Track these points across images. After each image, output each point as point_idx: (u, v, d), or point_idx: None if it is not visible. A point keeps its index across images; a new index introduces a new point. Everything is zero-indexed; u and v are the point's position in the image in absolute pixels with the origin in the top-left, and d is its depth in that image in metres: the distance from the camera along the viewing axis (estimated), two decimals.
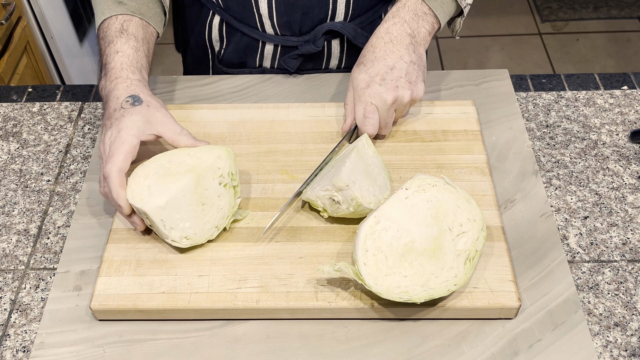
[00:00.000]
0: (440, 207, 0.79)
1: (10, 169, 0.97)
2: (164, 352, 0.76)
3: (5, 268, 0.85)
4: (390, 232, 0.77)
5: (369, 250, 0.76)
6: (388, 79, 0.89)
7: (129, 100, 0.85)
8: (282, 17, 1.03)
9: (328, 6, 1.02)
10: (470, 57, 2.75)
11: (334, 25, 1.04)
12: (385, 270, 0.75)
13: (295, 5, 1.01)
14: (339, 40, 1.08)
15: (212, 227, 0.81)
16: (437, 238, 0.77)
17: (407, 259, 0.76)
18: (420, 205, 0.79)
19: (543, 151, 0.97)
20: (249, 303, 0.77)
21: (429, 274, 0.75)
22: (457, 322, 0.77)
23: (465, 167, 0.91)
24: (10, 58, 1.70)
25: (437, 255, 0.76)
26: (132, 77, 0.88)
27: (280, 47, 1.08)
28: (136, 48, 0.91)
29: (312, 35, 1.05)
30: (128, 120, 0.83)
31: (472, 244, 0.77)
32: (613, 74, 1.09)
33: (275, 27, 1.04)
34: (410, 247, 0.76)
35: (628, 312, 0.79)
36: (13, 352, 0.77)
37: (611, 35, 2.85)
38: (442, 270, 0.75)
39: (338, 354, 0.75)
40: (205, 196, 0.81)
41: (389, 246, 0.76)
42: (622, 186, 0.93)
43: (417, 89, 0.90)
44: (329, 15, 1.04)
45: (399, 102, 0.89)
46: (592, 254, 0.85)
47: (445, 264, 0.75)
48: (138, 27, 0.93)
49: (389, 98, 0.88)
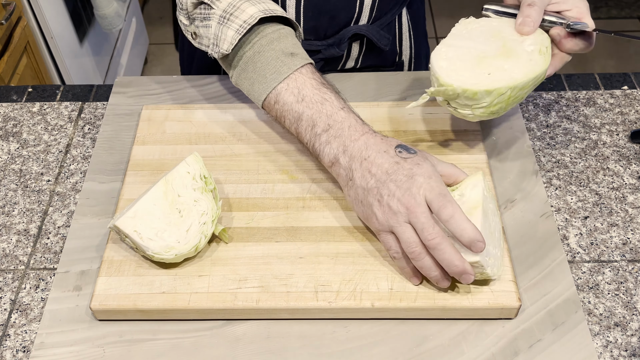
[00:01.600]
0: (494, 29, 0.86)
1: (10, 169, 0.97)
2: (164, 352, 0.76)
3: (5, 268, 0.85)
4: (461, 50, 0.83)
5: (446, 60, 0.82)
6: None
7: (400, 150, 0.77)
8: (310, 21, 1.02)
9: (354, 9, 1.01)
10: None
11: (359, 28, 1.03)
12: (469, 73, 0.81)
13: (324, 9, 1.00)
14: (359, 42, 1.08)
15: (198, 234, 0.79)
16: (504, 45, 0.83)
17: (484, 64, 0.82)
18: (477, 31, 0.87)
19: (543, 151, 0.97)
20: (249, 303, 0.77)
21: (510, 69, 0.81)
22: (457, 322, 0.77)
23: (465, 167, 0.91)
24: (10, 58, 1.70)
25: (511, 54, 0.82)
26: (373, 132, 0.80)
27: None
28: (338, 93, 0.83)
29: (337, 39, 1.04)
30: (428, 167, 0.76)
31: (540, 41, 0.83)
32: (613, 74, 1.09)
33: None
34: (483, 56, 0.83)
35: (628, 312, 0.79)
36: (13, 352, 0.77)
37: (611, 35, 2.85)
38: (520, 61, 0.81)
39: (338, 354, 0.75)
40: (179, 202, 0.80)
41: (462, 59, 0.82)
42: (622, 186, 0.93)
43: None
44: (354, 19, 1.03)
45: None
46: (593, 254, 0.85)
47: (521, 58, 0.82)
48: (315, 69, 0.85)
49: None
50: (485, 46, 0.84)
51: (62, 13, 1.96)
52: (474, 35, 0.86)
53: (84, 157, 0.99)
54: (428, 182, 0.73)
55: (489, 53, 0.83)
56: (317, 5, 1.00)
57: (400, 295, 0.77)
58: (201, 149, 0.94)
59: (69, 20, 2.00)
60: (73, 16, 2.03)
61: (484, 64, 0.82)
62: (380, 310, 0.77)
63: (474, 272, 0.73)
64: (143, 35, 2.75)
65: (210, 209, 0.81)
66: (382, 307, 0.76)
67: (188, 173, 0.82)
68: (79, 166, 0.97)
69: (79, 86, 1.11)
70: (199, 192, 0.82)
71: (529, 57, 0.82)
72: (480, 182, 0.80)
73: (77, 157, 0.99)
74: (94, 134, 1.02)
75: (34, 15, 1.83)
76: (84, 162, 0.98)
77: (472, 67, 0.82)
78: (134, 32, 2.59)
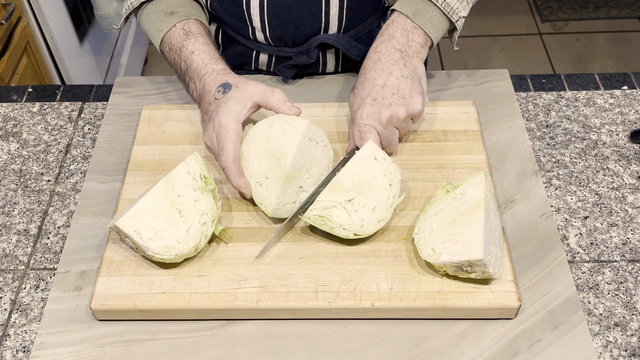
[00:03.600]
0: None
1: (10, 169, 0.97)
2: (164, 352, 0.76)
3: (5, 268, 0.85)
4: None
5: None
6: (379, 98, 0.87)
7: (220, 89, 0.88)
8: (275, 30, 1.02)
9: (321, 20, 1.01)
10: (470, 57, 2.75)
11: (327, 38, 1.02)
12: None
13: (288, 19, 1.00)
14: (333, 51, 1.08)
15: (198, 234, 0.79)
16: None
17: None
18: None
19: (543, 151, 0.97)
20: (249, 303, 0.77)
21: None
22: (457, 322, 0.77)
23: (465, 167, 0.91)
24: (10, 58, 1.70)
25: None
26: (216, 69, 0.92)
27: (275, 56, 1.07)
28: (207, 43, 0.95)
29: (306, 47, 1.04)
30: (224, 109, 0.86)
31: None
32: (613, 74, 1.09)
33: (268, 39, 1.04)
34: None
35: (628, 312, 0.79)
36: (13, 352, 0.77)
37: (611, 35, 2.85)
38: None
39: (338, 354, 0.75)
40: (179, 202, 0.80)
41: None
42: (622, 186, 0.93)
43: (412, 103, 0.87)
44: (322, 28, 1.02)
45: (395, 119, 0.86)
46: (592, 254, 0.85)
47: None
48: (197, 25, 0.97)
49: (383, 117, 0.86)
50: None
51: (62, 13, 1.96)
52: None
53: (84, 157, 0.99)
54: (218, 121, 0.85)
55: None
56: (281, 15, 1.00)
57: (400, 295, 0.77)
58: (201, 149, 0.94)
59: (69, 20, 2.00)
60: (73, 16, 2.02)
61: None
62: (380, 310, 0.77)
63: (250, 192, 0.84)
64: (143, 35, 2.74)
65: (210, 209, 0.81)
66: (382, 307, 0.76)
67: (188, 173, 0.82)
68: (79, 166, 0.97)
69: (79, 86, 1.11)
70: (199, 192, 0.82)
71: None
72: (482, 181, 0.80)
73: (77, 157, 0.99)
74: (94, 134, 1.02)
75: (34, 15, 1.82)
76: (84, 162, 0.98)
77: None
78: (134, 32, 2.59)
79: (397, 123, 0.88)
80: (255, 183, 0.84)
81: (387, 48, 0.89)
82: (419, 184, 0.89)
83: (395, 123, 0.88)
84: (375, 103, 0.87)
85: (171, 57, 0.97)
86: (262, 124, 0.86)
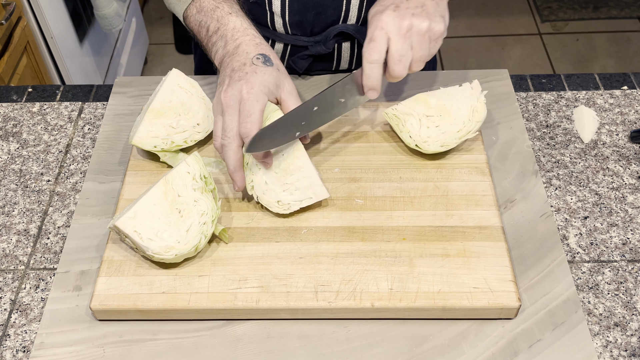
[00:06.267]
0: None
1: (10, 169, 0.97)
2: (164, 352, 0.76)
3: (5, 268, 0.85)
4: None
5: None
6: (403, 7, 0.81)
7: (260, 58, 0.84)
8: (295, 16, 1.02)
9: (341, 8, 1.01)
10: (470, 57, 2.75)
11: (346, 27, 1.03)
12: None
13: (309, 4, 1.00)
14: (349, 43, 1.08)
15: (198, 234, 0.79)
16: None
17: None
18: None
19: (543, 151, 0.97)
20: (249, 303, 0.77)
21: None
22: (457, 322, 0.78)
23: (465, 167, 0.91)
24: (10, 58, 1.70)
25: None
26: (257, 37, 0.88)
27: (290, 46, 1.07)
28: (242, 10, 0.92)
29: (324, 37, 1.04)
30: (261, 78, 0.83)
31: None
32: (613, 74, 1.09)
33: (286, 26, 1.04)
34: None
35: (628, 312, 0.79)
36: (13, 352, 0.77)
37: (611, 35, 2.85)
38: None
39: (338, 354, 0.75)
40: (179, 202, 0.80)
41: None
42: (622, 186, 0.93)
43: (435, 21, 0.81)
44: (342, 17, 1.03)
45: (416, 30, 0.80)
46: (592, 254, 0.85)
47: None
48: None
49: (403, 24, 0.80)
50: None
51: (62, 13, 1.96)
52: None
53: (84, 157, 0.99)
54: (251, 86, 0.82)
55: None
56: (303, 0, 1.00)
57: (400, 295, 0.77)
58: (201, 149, 0.94)
59: (69, 20, 2.00)
60: (73, 16, 2.02)
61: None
62: (380, 310, 0.77)
63: (243, 184, 0.84)
64: (143, 36, 2.75)
65: (210, 209, 0.81)
66: (382, 307, 0.76)
67: (188, 173, 0.82)
68: (79, 166, 0.97)
69: (79, 86, 1.11)
70: (199, 192, 0.82)
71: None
72: (278, 114, 0.84)
73: (77, 157, 0.99)
74: (94, 134, 1.02)
75: (34, 15, 1.82)
76: (84, 162, 0.98)
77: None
78: (134, 32, 2.59)
79: (417, 37, 0.81)
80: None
81: None
82: (419, 184, 0.89)
83: (414, 35, 0.81)
84: (398, 10, 0.81)
85: (198, 19, 0.93)
86: None
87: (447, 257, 0.80)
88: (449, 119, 0.90)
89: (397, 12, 0.81)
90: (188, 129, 0.91)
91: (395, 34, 0.80)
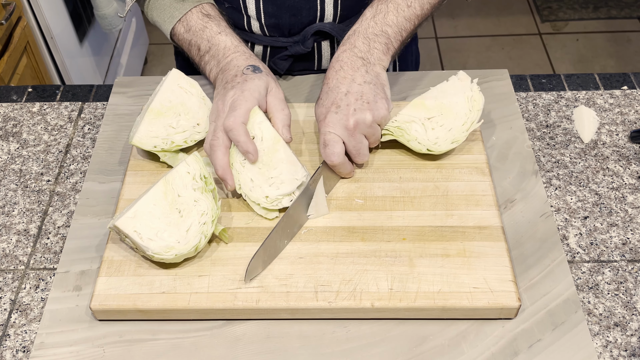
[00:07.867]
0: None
1: (10, 169, 0.97)
2: (164, 352, 0.76)
3: (5, 268, 0.85)
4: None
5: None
6: (343, 105, 0.85)
7: (250, 68, 0.90)
8: (270, 18, 1.03)
9: (316, 7, 1.02)
10: (470, 57, 2.75)
11: (323, 26, 1.03)
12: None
13: (283, 6, 1.01)
14: (329, 42, 1.08)
15: (198, 234, 0.79)
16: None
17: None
18: None
19: (543, 151, 0.97)
20: (249, 303, 0.77)
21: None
22: (457, 322, 0.78)
23: (465, 167, 0.91)
24: (10, 58, 1.70)
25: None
26: (248, 52, 0.94)
27: (270, 48, 1.08)
28: (230, 27, 0.96)
29: (302, 36, 1.04)
30: (251, 84, 0.87)
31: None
32: (613, 74, 1.09)
33: (263, 28, 1.04)
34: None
35: (628, 312, 0.79)
36: (13, 352, 0.77)
37: (611, 35, 2.85)
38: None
39: (338, 354, 0.75)
40: (179, 202, 0.80)
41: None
42: (622, 186, 0.93)
43: (377, 108, 0.85)
44: (318, 17, 1.03)
45: (361, 124, 0.85)
46: (592, 254, 0.85)
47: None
48: (213, 8, 0.98)
49: (349, 123, 0.84)
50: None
51: (62, 13, 1.96)
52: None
53: (84, 157, 0.99)
54: (232, 100, 0.86)
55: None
56: (277, 2, 1.01)
57: (400, 295, 0.77)
58: (201, 149, 0.94)
59: (69, 20, 2.00)
60: (73, 16, 2.02)
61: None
62: (380, 310, 0.77)
63: (233, 184, 0.85)
64: (143, 35, 2.75)
65: (210, 209, 0.81)
66: (382, 307, 0.76)
67: (188, 173, 0.82)
68: (79, 166, 0.97)
69: (79, 86, 1.11)
70: (199, 192, 0.82)
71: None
72: (262, 119, 0.86)
73: (77, 157, 0.99)
74: (94, 134, 1.02)
75: (34, 15, 1.83)
76: (84, 162, 0.98)
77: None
78: (134, 32, 2.59)
79: (364, 129, 0.86)
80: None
81: (349, 57, 0.89)
82: (419, 184, 0.89)
83: (362, 129, 0.85)
84: (339, 110, 0.85)
85: (187, 38, 0.97)
86: None
87: (447, 257, 0.80)
88: (451, 115, 0.90)
89: (340, 113, 0.85)
90: (188, 129, 0.91)
91: (345, 135, 0.85)
